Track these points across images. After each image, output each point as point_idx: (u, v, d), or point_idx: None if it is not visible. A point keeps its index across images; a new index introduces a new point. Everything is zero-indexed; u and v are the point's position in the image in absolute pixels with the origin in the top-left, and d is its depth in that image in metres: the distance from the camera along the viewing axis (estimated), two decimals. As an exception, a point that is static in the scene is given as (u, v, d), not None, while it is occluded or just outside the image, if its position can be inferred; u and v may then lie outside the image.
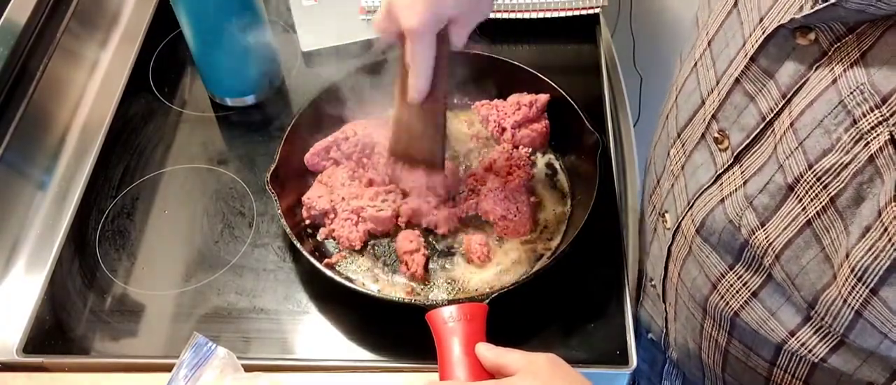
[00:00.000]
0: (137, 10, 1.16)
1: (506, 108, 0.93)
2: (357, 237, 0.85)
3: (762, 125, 0.56)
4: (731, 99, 0.59)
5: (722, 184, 0.61)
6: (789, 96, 0.53)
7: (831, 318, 0.54)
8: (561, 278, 0.81)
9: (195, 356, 0.72)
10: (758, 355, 0.65)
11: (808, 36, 0.51)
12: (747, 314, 0.62)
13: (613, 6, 1.35)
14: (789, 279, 0.56)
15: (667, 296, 0.75)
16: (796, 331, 0.59)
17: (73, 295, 0.85)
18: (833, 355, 0.58)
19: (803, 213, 0.53)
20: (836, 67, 0.49)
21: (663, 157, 0.72)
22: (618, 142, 0.98)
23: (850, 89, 0.48)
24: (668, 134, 0.71)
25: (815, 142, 0.50)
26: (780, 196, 0.54)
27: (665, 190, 0.71)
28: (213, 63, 0.99)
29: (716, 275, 0.64)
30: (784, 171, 0.53)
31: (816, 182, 0.51)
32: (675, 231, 0.69)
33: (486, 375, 0.64)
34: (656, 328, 0.82)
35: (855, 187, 0.49)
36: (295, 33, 1.10)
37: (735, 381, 0.71)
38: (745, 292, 0.62)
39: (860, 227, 0.49)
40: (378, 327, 0.80)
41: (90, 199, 0.93)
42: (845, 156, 0.49)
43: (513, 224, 0.85)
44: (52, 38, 1.02)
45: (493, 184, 0.86)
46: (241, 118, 1.02)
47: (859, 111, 0.47)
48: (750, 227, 0.58)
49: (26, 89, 0.96)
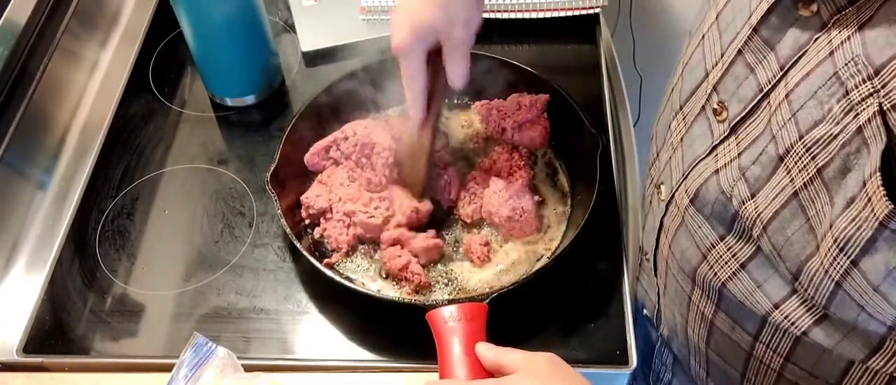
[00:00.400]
0: (137, 10, 1.16)
1: (506, 108, 0.93)
2: (345, 241, 0.85)
3: (759, 97, 0.57)
4: (732, 70, 0.60)
5: (717, 155, 0.62)
6: (787, 68, 0.54)
7: (813, 290, 0.55)
8: (561, 278, 0.81)
9: (195, 356, 0.73)
10: (742, 328, 0.65)
11: (810, 7, 0.52)
12: (735, 285, 0.63)
13: (613, 6, 1.35)
14: (775, 250, 0.57)
15: (657, 268, 0.76)
16: (781, 303, 0.60)
17: (73, 295, 0.85)
18: (815, 329, 0.59)
19: (791, 184, 0.53)
20: (834, 39, 0.50)
21: (664, 130, 0.73)
22: (618, 142, 0.98)
23: (845, 61, 0.49)
24: (671, 107, 0.71)
25: (807, 113, 0.51)
26: (771, 167, 0.55)
27: (663, 162, 0.72)
28: (213, 63, 0.99)
29: (706, 245, 0.65)
30: (776, 142, 0.54)
31: (805, 153, 0.51)
32: (669, 202, 0.69)
33: (486, 375, 0.64)
34: (650, 304, 0.83)
35: (842, 158, 0.49)
36: (295, 33, 1.10)
37: (718, 358, 0.71)
38: (733, 263, 0.62)
39: (845, 198, 0.49)
40: (378, 327, 0.80)
41: (90, 199, 0.93)
42: (835, 127, 0.49)
43: (519, 224, 0.85)
44: (52, 38, 1.02)
45: (496, 185, 0.86)
46: (241, 118, 1.02)
47: (852, 82, 0.48)
48: (740, 198, 0.58)
49: (26, 89, 0.96)
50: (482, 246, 0.84)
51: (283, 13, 1.14)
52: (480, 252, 0.83)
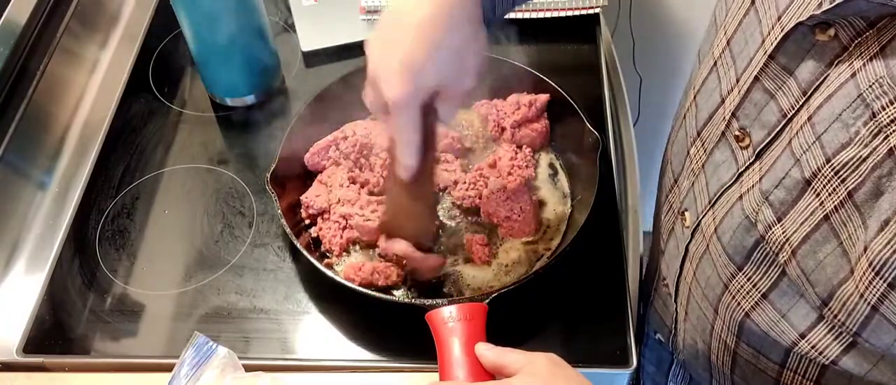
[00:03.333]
0: (137, 10, 1.16)
1: (506, 108, 0.93)
2: (338, 244, 0.84)
3: (783, 122, 0.56)
4: (750, 97, 0.59)
5: (741, 181, 0.61)
6: (809, 93, 0.53)
7: (845, 315, 0.54)
8: (561, 278, 0.81)
9: (196, 355, 0.72)
10: (767, 358, 0.65)
11: (827, 32, 0.51)
12: (758, 316, 0.62)
13: (613, 6, 1.35)
14: (805, 275, 0.56)
15: (679, 295, 0.75)
16: (807, 333, 0.59)
17: (73, 295, 0.85)
18: (844, 357, 0.58)
19: (821, 207, 0.52)
20: (856, 62, 0.49)
21: (682, 156, 0.72)
22: (618, 142, 0.98)
23: (870, 83, 0.48)
24: (686, 133, 0.71)
25: (832, 136, 0.50)
26: (798, 191, 0.54)
27: (684, 189, 0.71)
28: (213, 63, 0.99)
29: (727, 275, 0.64)
30: (801, 165, 0.53)
31: (834, 176, 0.51)
32: (695, 229, 0.69)
33: (487, 376, 0.64)
34: (665, 329, 0.82)
35: (873, 181, 0.48)
36: (295, 33, 1.10)
37: (744, 383, 0.71)
38: (755, 293, 0.61)
39: (879, 221, 0.48)
40: (378, 327, 0.80)
41: (90, 199, 0.93)
42: (864, 149, 0.48)
43: (517, 224, 0.85)
44: (52, 38, 1.02)
45: (494, 185, 0.87)
46: (241, 118, 1.02)
47: (878, 104, 0.47)
48: (766, 222, 0.57)
49: (26, 89, 0.96)
50: (483, 246, 0.84)
51: (283, 13, 1.13)
52: (481, 252, 0.83)
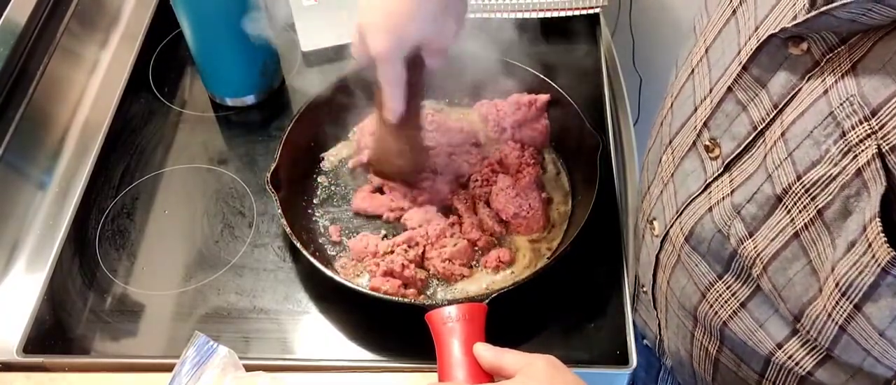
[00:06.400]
0: (137, 10, 1.16)
1: (506, 108, 0.93)
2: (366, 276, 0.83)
3: (754, 135, 0.55)
4: (722, 107, 0.58)
5: (710, 192, 0.60)
6: (781, 106, 0.53)
7: (816, 332, 0.54)
8: (561, 278, 0.81)
9: (197, 354, 0.73)
10: (747, 366, 0.64)
11: (800, 46, 0.51)
12: (736, 324, 0.62)
13: (613, 6, 1.35)
14: (776, 291, 0.55)
15: (657, 303, 0.75)
16: (784, 343, 0.59)
17: (73, 295, 0.85)
18: (820, 369, 0.58)
19: (791, 224, 0.52)
20: (828, 78, 0.49)
21: (655, 163, 0.72)
22: (618, 142, 0.98)
23: (841, 100, 0.47)
24: (661, 140, 0.70)
25: (804, 153, 0.50)
26: (769, 206, 0.54)
27: (654, 197, 0.71)
28: (213, 63, 0.99)
29: (705, 284, 0.64)
30: (773, 181, 0.53)
31: (805, 193, 0.50)
32: (664, 239, 0.68)
33: (487, 376, 0.64)
34: (650, 334, 0.82)
35: (842, 200, 0.48)
36: (295, 33, 1.10)
37: None
38: (733, 302, 0.61)
39: (846, 241, 0.48)
40: (378, 327, 0.80)
41: (90, 199, 0.93)
42: (834, 168, 0.48)
43: (526, 221, 0.85)
44: (52, 38, 1.02)
45: (503, 182, 0.87)
46: (241, 118, 1.02)
47: (848, 123, 0.47)
48: (738, 236, 0.57)
49: (26, 89, 0.96)
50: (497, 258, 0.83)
51: (284, 13, 1.13)
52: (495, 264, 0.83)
